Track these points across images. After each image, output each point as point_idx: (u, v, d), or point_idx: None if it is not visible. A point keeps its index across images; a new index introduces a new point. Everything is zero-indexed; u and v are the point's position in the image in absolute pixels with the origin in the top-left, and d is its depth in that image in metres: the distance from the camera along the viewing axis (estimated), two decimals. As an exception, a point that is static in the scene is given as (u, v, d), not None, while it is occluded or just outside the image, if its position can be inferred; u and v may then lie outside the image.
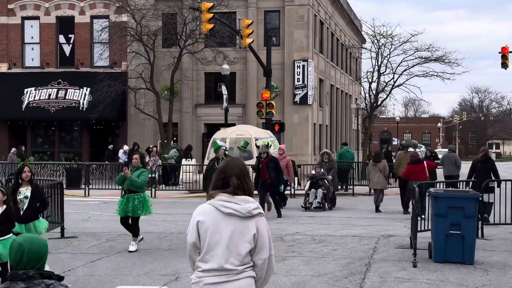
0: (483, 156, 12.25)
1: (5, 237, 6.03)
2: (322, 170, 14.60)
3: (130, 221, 8.50)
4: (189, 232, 2.78)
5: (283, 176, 13.45)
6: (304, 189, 15.50)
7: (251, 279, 2.75)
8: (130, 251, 8.22)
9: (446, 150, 18.75)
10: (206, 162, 16.45)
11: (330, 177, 14.39)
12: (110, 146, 22.66)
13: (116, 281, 6.65)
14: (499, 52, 21.26)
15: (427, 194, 9.39)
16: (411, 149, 15.20)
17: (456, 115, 68.01)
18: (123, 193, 8.82)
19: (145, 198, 8.53)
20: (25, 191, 6.82)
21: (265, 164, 11.99)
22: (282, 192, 13.66)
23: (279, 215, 11.85)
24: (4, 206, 6.11)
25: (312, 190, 14.27)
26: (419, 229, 8.84)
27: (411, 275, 7.56)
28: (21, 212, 6.70)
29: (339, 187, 18.20)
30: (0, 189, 6.15)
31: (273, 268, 2.96)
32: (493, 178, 11.61)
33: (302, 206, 13.79)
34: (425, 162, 13.59)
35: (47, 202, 7.31)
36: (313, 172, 15.29)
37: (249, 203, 2.73)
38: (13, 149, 21.01)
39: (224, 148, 11.47)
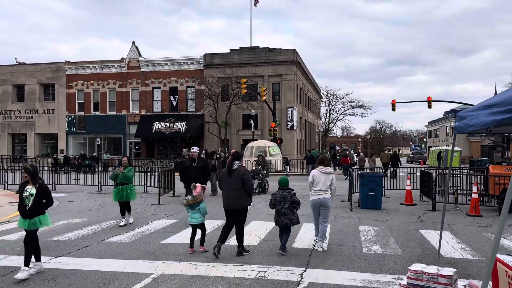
0: (395, 154, 28.02)
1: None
2: (259, 167, 18.37)
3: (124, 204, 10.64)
4: (309, 179, 8.20)
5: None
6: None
7: (329, 194, 8.02)
8: (130, 223, 10.70)
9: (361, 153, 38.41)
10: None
11: (264, 172, 17.96)
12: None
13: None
14: (390, 103, 40.37)
15: (357, 173, 14.36)
16: (352, 152, 34.06)
17: (368, 134, 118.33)
18: (115, 185, 10.75)
19: (132, 187, 10.61)
20: (31, 189, 6.73)
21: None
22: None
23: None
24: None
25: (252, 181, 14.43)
26: (353, 191, 13.98)
27: (349, 215, 11.75)
28: (26, 208, 6.66)
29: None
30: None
31: (336, 190, 7.87)
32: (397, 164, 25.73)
33: None
34: (348, 158, 30.86)
35: (52, 200, 6.91)
36: (253, 168, 19.03)
37: (330, 169, 8.05)
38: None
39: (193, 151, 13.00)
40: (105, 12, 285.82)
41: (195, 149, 10.72)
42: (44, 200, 6.86)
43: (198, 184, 8.34)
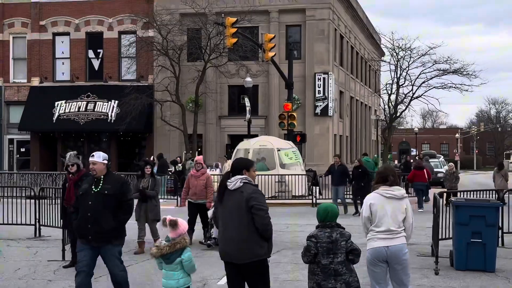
0: None
1: None
2: None
3: None
4: (364, 211, 9.05)
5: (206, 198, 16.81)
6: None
7: (404, 237, 8.83)
8: None
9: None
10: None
11: None
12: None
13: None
14: (518, 64, 40.04)
15: (450, 203, 15.24)
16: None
17: (473, 126, 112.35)
18: None
19: None
20: None
21: (73, 183, 12.43)
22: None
23: None
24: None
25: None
26: (440, 237, 14.39)
27: (433, 283, 12.36)
28: None
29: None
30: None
31: (413, 230, 9.03)
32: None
33: (201, 242, 16.83)
34: (425, 171, 28.71)
35: None
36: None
37: (401, 190, 9.09)
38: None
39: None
40: None
41: (95, 156, 9.39)
42: None
43: (169, 217, 8.26)
